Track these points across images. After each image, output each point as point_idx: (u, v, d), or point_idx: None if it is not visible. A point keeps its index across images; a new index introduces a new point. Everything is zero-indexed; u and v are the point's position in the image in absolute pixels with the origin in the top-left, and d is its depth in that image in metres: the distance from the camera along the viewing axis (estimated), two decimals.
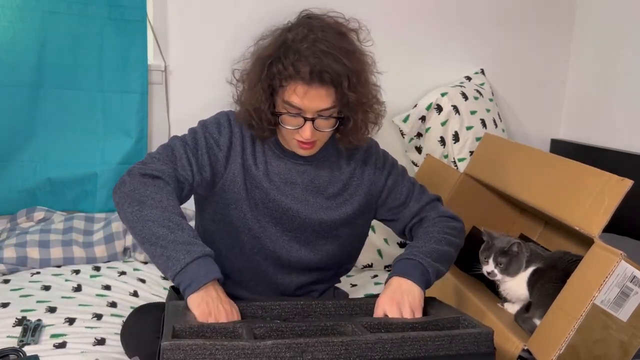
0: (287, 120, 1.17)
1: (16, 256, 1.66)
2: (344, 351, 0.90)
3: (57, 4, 1.80)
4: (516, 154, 1.60)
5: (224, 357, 0.85)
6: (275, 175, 1.25)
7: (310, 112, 1.14)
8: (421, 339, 0.94)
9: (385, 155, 1.38)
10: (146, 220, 1.06)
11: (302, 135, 1.16)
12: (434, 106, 2.10)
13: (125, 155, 1.92)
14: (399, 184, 1.35)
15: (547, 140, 2.43)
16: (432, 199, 1.37)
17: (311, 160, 1.28)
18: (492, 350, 1.01)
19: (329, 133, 1.22)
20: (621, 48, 2.12)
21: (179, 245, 1.03)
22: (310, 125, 1.15)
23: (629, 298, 1.11)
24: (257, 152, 1.26)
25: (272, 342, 0.87)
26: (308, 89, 1.12)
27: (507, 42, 2.33)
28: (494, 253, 1.37)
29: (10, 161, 1.85)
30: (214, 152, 1.22)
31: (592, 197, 1.22)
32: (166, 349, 0.84)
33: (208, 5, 1.97)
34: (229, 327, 0.96)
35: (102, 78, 1.89)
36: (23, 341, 1.22)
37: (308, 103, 1.13)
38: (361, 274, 1.90)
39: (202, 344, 0.85)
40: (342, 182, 1.30)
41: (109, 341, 1.25)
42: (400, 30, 2.18)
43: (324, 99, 1.14)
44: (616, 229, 1.34)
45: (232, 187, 1.23)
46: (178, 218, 1.07)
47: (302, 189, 1.26)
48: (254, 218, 1.24)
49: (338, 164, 1.31)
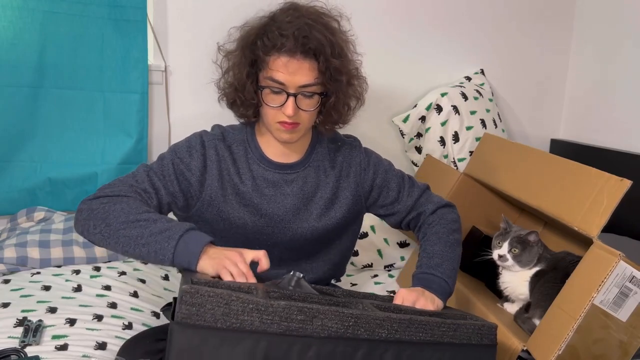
0: (269, 98, 1.17)
1: (16, 256, 1.66)
2: (352, 323, 0.92)
3: (57, 4, 1.80)
4: (516, 154, 1.60)
5: (238, 309, 0.87)
6: (264, 188, 1.25)
7: (292, 86, 1.14)
8: (427, 323, 0.97)
9: (368, 154, 1.37)
10: (116, 230, 1.05)
11: (285, 112, 1.15)
12: (434, 106, 2.10)
13: (126, 155, 1.92)
14: (389, 180, 1.35)
15: (547, 140, 2.43)
16: (423, 189, 1.38)
17: (298, 168, 1.28)
18: (495, 343, 1.03)
19: (312, 116, 1.20)
20: (621, 48, 2.12)
21: (158, 236, 1.02)
22: (293, 101, 1.14)
23: (628, 298, 1.11)
24: (242, 169, 1.25)
25: (286, 303, 0.89)
26: (290, 60, 1.12)
27: (507, 42, 2.33)
28: (510, 237, 1.37)
29: (10, 161, 1.85)
30: (185, 177, 1.21)
31: (591, 197, 1.22)
32: (186, 291, 0.85)
33: (208, 5, 1.97)
34: (245, 287, 0.97)
35: (102, 78, 1.89)
36: (24, 342, 1.22)
37: (290, 77, 1.13)
38: (361, 274, 1.90)
39: (220, 292, 0.86)
40: (330, 187, 1.30)
41: (110, 345, 1.25)
42: (401, 30, 2.18)
43: (306, 73, 1.14)
44: (616, 229, 1.34)
45: (210, 209, 1.23)
46: (145, 214, 1.06)
47: (293, 198, 1.26)
48: (239, 232, 1.25)
49: (324, 169, 1.30)
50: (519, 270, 1.37)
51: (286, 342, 0.88)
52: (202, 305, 0.85)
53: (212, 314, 0.85)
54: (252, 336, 0.87)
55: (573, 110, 2.40)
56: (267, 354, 0.87)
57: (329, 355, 0.90)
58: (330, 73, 1.15)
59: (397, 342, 0.95)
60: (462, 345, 0.99)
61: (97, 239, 1.08)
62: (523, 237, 1.36)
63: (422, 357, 0.96)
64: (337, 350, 0.91)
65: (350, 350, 0.92)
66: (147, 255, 1.03)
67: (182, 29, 1.97)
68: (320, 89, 1.18)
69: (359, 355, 0.92)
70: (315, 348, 0.90)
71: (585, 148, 2.21)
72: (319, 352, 0.90)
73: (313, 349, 0.89)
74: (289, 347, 0.88)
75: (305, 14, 1.16)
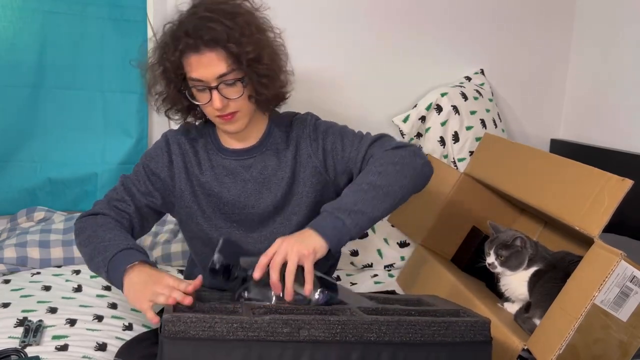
0: (198, 97, 1.19)
1: (16, 256, 1.66)
2: (340, 330, 0.91)
3: (57, 4, 1.80)
4: (516, 154, 1.60)
5: (223, 330, 0.87)
6: (223, 177, 1.27)
7: (211, 79, 1.15)
8: (417, 324, 0.96)
9: (316, 124, 1.31)
10: (80, 248, 1.23)
11: (214, 106, 1.16)
12: (434, 106, 2.10)
13: (126, 155, 1.92)
14: (340, 142, 1.27)
15: (547, 140, 2.43)
16: (376, 138, 1.26)
17: (255, 153, 1.28)
18: (489, 339, 1.01)
19: (244, 101, 1.19)
20: (621, 48, 2.12)
21: (95, 259, 1.15)
22: (217, 94, 1.15)
23: (629, 298, 1.11)
24: (202, 160, 1.29)
25: (270, 317, 0.89)
26: (199, 56, 1.13)
27: (507, 42, 2.33)
28: (495, 245, 1.37)
29: (10, 161, 1.85)
30: (155, 174, 1.28)
31: (592, 197, 1.22)
32: (168, 320, 0.86)
33: None
34: (230, 307, 0.99)
35: (102, 78, 1.89)
36: (25, 342, 1.21)
37: (204, 71, 1.14)
38: (361, 274, 1.90)
39: (202, 316, 0.87)
40: (289, 166, 1.28)
41: (110, 346, 1.25)
42: (400, 30, 2.18)
43: (218, 64, 1.14)
44: (616, 229, 1.34)
45: (182, 203, 1.29)
46: (101, 244, 1.15)
47: (254, 183, 1.27)
48: (211, 227, 1.28)
49: (280, 150, 1.29)
50: (510, 274, 1.37)
51: (279, 346, 0.89)
52: (186, 332, 0.86)
53: (198, 339, 0.87)
54: (244, 344, 0.88)
55: (573, 110, 2.40)
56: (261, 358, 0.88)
57: (323, 359, 0.91)
58: (240, 56, 1.14)
59: (389, 344, 0.94)
60: (456, 344, 0.97)
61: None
62: (509, 243, 1.36)
63: (417, 357, 0.95)
64: (331, 354, 0.91)
65: (344, 354, 0.92)
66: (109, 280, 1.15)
67: None
68: (239, 74, 1.16)
69: (353, 358, 0.92)
70: (308, 352, 0.90)
71: (585, 148, 2.21)
72: (312, 356, 0.90)
73: (306, 353, 0.90)
74: (282, 351, 0.89)
75: (199, 7, 1.16)
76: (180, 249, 1.80)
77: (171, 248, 1.80)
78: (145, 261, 1.10)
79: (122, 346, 1.19)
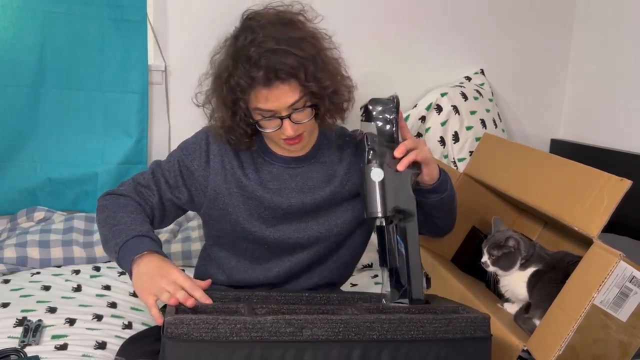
0: (265, 125, 1.16)
1: (16, 256, 1.66)
2: (342, 329, 0.92)
3: (57, 4, 1.80)
4: (516, 154, 1.60)
5: (226, 331, 0.87)
6: (268, 182, 1.25)
7: (282, 110, 1.13)
8: (418, 321, 0.97)
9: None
10: (99, 227, 1.20)
11: (285, 133, 1.15)
12: (434, 106, 2.10)
13: (126, 155, 1.92)
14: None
15: (547, 140, 2.43)
16: None
17: (303, 162, 1.27)
18: (489, 335, 1.02)
19: (312, 123, 1.20)
20: (621, 48, 2.12)
21: (110, 243, 1.13)
22: (289, 122, 1.14)
23: (629, 298, 1.11)
24: (245, 163, 1.25)
25: (273, 318, 0.89)
26: (270, 91, 1.11)
27: (507, 42, 2.33)
28: (489, 244, 1.37)
29: (10, 161, 1.85)
30: (189, 170, 1.24)
31: (591, 197, 1.22)
32: (170, 323, 0.86)
33: (208, 5, 1.97)
34: (232, 307, 0.99)
35: (102, 78, 1.89)
36: (24, 342, 1.22)
37: (276, 103, 1.12)
38: (361, 274, 1.90)
39: (205, 318, 0.87)
40: (338, 181, 1.27)
41: (110, 345, 1.25)
42: (401, 31, 2.18)
43: (290, 94, 1.12)
44: (616, 229, 1.34)
45: (216, 204, 1.24)
46: (117, 227, 1.13)
47: (297, 192, 1.25)
48: (245, 229, 1.24)
49: (330, 163, 1.29)
50: (503, 274, 1.37)
51: (281, 347, 0.89)
52: (189, 334, 0.86)
53: (200, 340, 0.86)
54: (246, 344, 0.88)
55: (573, 110, 2.40)
56: (263, 358, 0.88)
57: (324, 358, 0.91)
58: (311, 85, 1.14)
59: (391, 342, 0.95)
60: (456, 340, 0.99)
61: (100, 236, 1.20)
62: (502, 243, 1.36)
63: (419, 354, 0.96)
64: (333, 353, 0.92)
65: (345, 352, 0.92)
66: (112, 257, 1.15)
67: (182, 29, 1.97)
68: (310, 100, 1.16)
69: (354, 357, 0.93)
70: (310, 352, 0.91)
71: (585, 148, 2.21)
72: (314, 355, 0.91)
73: (308, 353, 0.90)
74: (284, 351, 0.89)
75: (266, 35, 1.12)
76: (180, 249, 1.80)
77: (171, 248, 1.80)
78: (155, 250, 1.09)
79: (123, 343, 1.18)
